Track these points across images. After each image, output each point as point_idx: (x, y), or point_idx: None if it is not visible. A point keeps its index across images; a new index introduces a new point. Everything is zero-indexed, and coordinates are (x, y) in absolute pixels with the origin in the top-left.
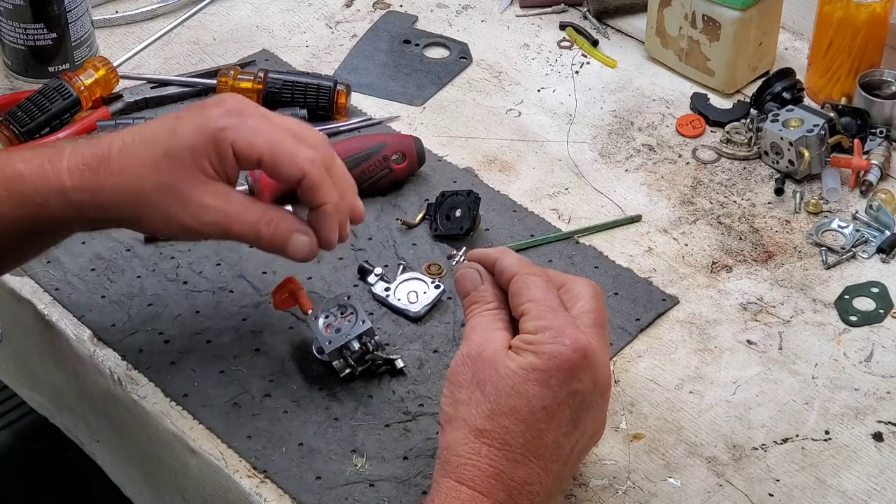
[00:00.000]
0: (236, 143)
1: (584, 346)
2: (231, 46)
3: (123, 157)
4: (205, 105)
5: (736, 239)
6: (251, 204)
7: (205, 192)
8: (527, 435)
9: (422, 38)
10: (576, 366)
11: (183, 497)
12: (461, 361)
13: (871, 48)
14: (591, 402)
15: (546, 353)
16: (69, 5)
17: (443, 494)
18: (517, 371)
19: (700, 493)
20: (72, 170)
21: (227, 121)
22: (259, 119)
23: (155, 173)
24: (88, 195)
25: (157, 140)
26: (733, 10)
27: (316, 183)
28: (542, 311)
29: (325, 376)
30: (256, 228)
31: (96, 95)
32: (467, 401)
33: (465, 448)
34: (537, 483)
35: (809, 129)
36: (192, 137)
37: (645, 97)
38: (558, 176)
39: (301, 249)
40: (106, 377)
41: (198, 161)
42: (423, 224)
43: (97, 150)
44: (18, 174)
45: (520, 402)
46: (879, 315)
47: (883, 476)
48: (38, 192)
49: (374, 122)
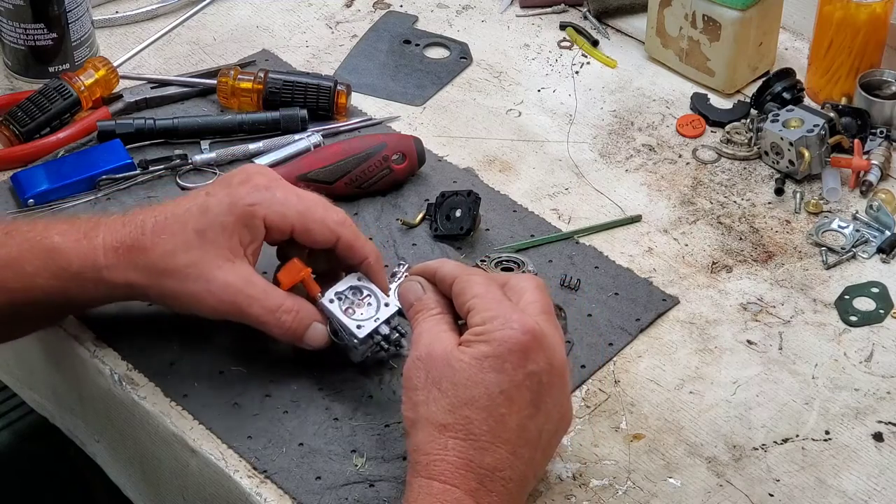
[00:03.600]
0: (268, 217)
1: (533, 328)
2: (231, 46)
3: (156, 236)
4: (231, 181)
5: (736, 239)
6: (271, 290)
7: (230, 271)
8: (490, 421)
9: (422, 39)
10: (527, 347)
11: (183, 497)
12: (413, 365)
13: (871, 48)
14: (550, 383)
15: (497, 340)
16: (69, 5)
17: (415, 493)
18: (470, 362)
19: (700, 494)
20: (107, 248)
21: (256, 196)
22: (287, 191)
23: (186, 252)
24: (122, 274)
25: (188, 218)
26: (733, 10)
27: (351, 241)
28: (486, 303)
29: (325, 376)
30: (276, 315)
31: (96, 95)
32: (426, 401)
33: (432, 445)
34: (508, 468)
35: (809, 129)
36: (223, 216)
37: (645, 97)
38: (558, 176)
39: (318, 339)
40: (106, 377)
41: (229, 239)
42: (424, 224)
43: (131, 228)
44: (55, 248)
45: (477, 390)
46: (879, 315)
47: (883, 476)
48: (73, 267)
49: (374, 122)
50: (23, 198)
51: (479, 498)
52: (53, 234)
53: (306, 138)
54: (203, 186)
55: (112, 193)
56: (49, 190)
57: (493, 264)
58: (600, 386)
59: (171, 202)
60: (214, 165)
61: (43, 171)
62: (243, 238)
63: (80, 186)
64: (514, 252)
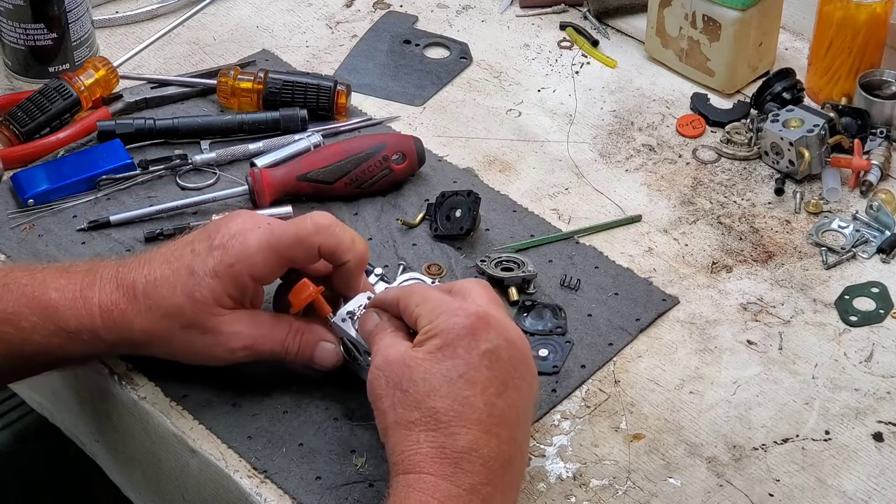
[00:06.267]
0: (251, 272)
1: (477, 311)
2: (231, 46)
3: (148, 298)
4: (213, 236)
5: (736, 239)
6: (277, 320)
7: (232, 321)
8: (455, 407)
9: (422, 39)
10: (475, 329)
11: (183, 497)
12: (373, 375)
13: (871, 48)
14: (511, 358)
15: (444, 330)
16: (69, 5)
17: (394, 490)
18: (425, 357)
19: (700, 494)
20: (103, 308)
21: (233, 254)
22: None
23: (180, 315)
24: (118, 335)
25: (177, 281)
26: (733, 11)
27: (332, 247)
28: (431, 305)
29: (325, 376)
30: (285, 344)
31: (96, 95)
32: (392, 405)
33: (405, 444)
34: (484, 447)
35: (809, 129)
36: (209, 277)
37: (645, 97)
38: (558, 176)
39: (328, 358)
40: (106, 377)
41: (219, 300)
42: (424, 224)
43: (124, 290)
44: (52, 305)
45: (437, 381)
46: (879, 315)
47: (883, 476)
48: (70, 326)
49: (374, 122)
50: (23, 198)
51: (456, 480)
52: (51, 290)
53: (306, 138)
54: (189, 235)
55: (112, 193)
56: (49, 190)
57: (493, 264)
58: (600, 386)
59: (161, 255)
60: (214, 165)
61: (43, 171)
62: (234, 294)
63: (80, 186)
64: (514, 252)
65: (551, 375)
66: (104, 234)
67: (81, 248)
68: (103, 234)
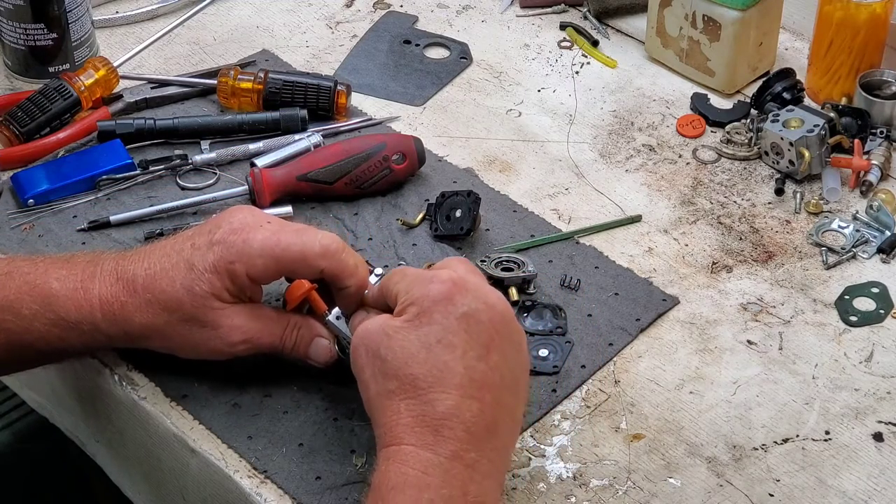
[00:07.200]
0: (249, 273)
1: (452, 277)
2: (231, 46)
3: (148, 291)
4: (214, 230)
5: (736, 239)
6: (275, 314)
7: (232, 314)
8: (434, 372)
9: (422, 39)
10: (451, 294)
11: (183, 497)
12: (354, 349)
13: (871, 48)
14: (492, 320)
15: (420, 297)
16: (69, 5)
17: (377, 465)
18: (403, 325)
19: (700, 494)
20: (103, 300)
21: (234, 251)
22: (266, 234)
23: (179, 308)
24: (118, 328)
25: (176, 275)
26: (733, 11)
27: (336, 273)
28: (408, 281)
29: (325, 376)
30: (283, 339)
31: (96, 96)
32: (372, 375)
33: (387, 415)
34: (465, 412)
35: (810, 129)
36: (209, 272)
37: (645, 97)
38: (558, 176)
39: (322, 355)
40: (106, 377)
41: (217, 294)
42: (424, 224)
43: (123, 283)
44: (53, 294)
45: (414, 347)
46: (879, 315)
47: (883, 476)
48: (70, 316)
49: (374, 122)
50: (23, 198)
51: (436, 448)
52: (52, 280)
53: (306, 138)
54: (189, 230)
55: (112, 193)
56: (49, 190)
57: (494, 264)
58: (600, 386)
59: (161, 248)
60: (214, 165)
61: (43, 171)
62: (232, 290)
63: (81, 186)
64: (514, 252)
65: (551, 375)
66: (104, 235)
67: (81, 248)
68: (103, 234)
